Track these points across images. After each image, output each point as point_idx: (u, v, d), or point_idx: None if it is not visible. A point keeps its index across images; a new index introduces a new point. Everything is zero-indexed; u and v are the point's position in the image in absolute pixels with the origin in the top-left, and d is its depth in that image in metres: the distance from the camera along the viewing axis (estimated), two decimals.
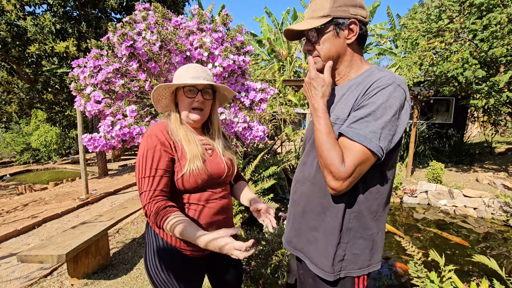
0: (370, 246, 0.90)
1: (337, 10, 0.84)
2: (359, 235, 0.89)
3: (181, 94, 1.11)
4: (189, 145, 1.07)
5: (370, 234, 0.89)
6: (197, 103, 1.10)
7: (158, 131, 1.05)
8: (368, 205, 0.88)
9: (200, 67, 1.13)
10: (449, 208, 4.91)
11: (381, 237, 0.93)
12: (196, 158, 1.06)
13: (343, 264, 0.89)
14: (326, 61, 0.90)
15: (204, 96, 1.11)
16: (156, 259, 1.09)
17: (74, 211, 4.88)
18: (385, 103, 0.78)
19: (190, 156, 1.05)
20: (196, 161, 1.05)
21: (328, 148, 0.80)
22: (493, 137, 9.00)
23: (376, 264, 0.92)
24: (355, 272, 0.89)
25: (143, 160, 1.01)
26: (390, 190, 0.92)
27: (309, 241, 0.96)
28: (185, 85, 1.08)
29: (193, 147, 1.07)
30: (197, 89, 1.10)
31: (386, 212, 0.94)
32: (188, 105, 1.11)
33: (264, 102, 2.01)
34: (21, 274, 2.74)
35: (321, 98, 0.87)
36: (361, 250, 0.89)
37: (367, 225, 0.89)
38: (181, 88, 1.11)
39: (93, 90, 1.79)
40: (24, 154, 12.00)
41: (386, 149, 0.79)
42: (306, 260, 0.97)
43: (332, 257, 0.88)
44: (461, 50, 5.14)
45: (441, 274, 1.76)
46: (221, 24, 2.02)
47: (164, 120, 1.14)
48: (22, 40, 6.23)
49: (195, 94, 1.10)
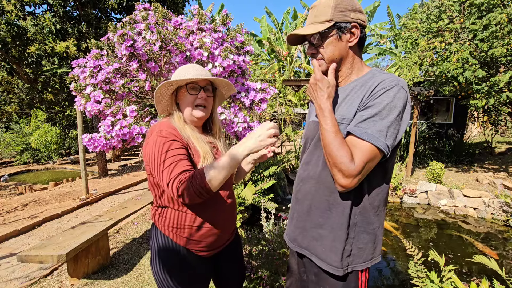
0: (373, 239, 0.94)
1: (339, 15, 0.89)
2: (363, 229, 0.93)
3: (183, 92, 1.11)
4: (199, 142, 1.07)
5: (372, 228, 0.94)
6: (200, 100, 1.11)
7: (167, 127, 1.04)
8: (371, 200, 0.92)
9: (199, 66, 1.14)
10: (449, 208, 4.91)
11: (381, 231, 0.98)
12: (208, 155, 1.06)
13: (351, 259, 0.93)
14: (330, 63, 0.94)
15: (206, 93, 1.12)
16: (163, 261, 1.08)
17: (74, 211, 4.88)
18: (390, 103, 0.83)
19: (203, 153, 1.05)
20: (208, 158, 1.05)
21: (337, 147, 0.84)
22: (493, 137, 9.00)
23: (377, 257, 0.97)
24: (360, 266, 0.93)
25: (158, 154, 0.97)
26: (389, 187, 0.98)
27: (314, 238, 0.98)
28: (189, 80, 1.08)
29: (203, 144, 1.08)
30: (199, 86, 1.10)
31: (386, 207, 0.99)
32: (191, 103, 1.10)
33: (264, 102, 2.01)
34: (21, 274, 2.74)
35: (327, 99, 0.91)
36: (365, 244, 0.93)
37: (370, 220, 0.93)
38: (182, 87, 1.11)
39: (93, 90, 1.79)
40: (24, 154, 11.98)
41: (391, 147, 0.84)
42: (313, 257, 0.99)
43: (341, 252, 0.92)
44: (461, 50, 5.14)
45: (441, 274, 1.76)
46: (221, 24, 2.02)
47: (166, 119, 1.12)
48: (22, 40, 6.23)
49: (198, 91, 1.10)
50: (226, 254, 1.25)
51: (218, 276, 1.29)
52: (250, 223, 4.24)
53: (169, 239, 1.09)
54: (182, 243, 1.08)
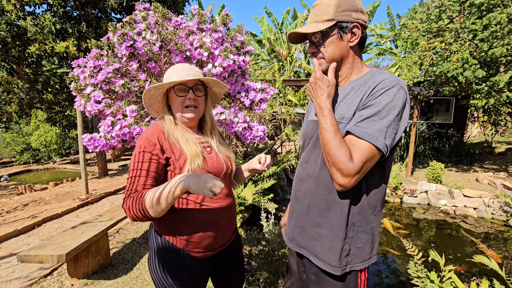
0: (371, 239, 0.95)
1: (341, 15, 0.89)
2: (361, 229, 0.93)
3: (172, 95, 1.10)
4: (187, 144, 1.07)
5: (370, 228, 0.94)
6: (189, 101, 1.09)
7: (152, 133, 1.04)
8: (369, 200, 0.92)
9: (187, 66, 1.12)
10: (449, 208, 4.91)
11: (378, 230, 0.98)
12: (196, 157, 1.05)
13: (349, 259, 0.93)
14: (331, 62, 0.94)
15: (195, 93, 1.10)
16: (161, 262, 1.08)
17: (74, 211, 4.88)
18: (390, 103, 0.83)
19: (190, 156, 1.04)
20: (196, 160, 1.05)
21: (336, 146, 0.84)
22: (493, 137, 9.00)
23: (375, 256, 0.97)
24: (358, 266, 0.94)
25: (132, 161, 1.03)
26: (386, 186, 0.98)
27: (313, 237, 0.98)
28: (175, 83, 1.06)
29: (192, 146, 1.07)
30: (187, 87, 1.09)
31: (383, 207, 0.99)
32: (181, 104, 1.10)
33: (264, 102, 2.01)
34: (21, 274, 2.74)
35: (327, 98, 0.91)
36: (363, 243, 0.94)
37: (368, 220, 0.93)
38: (171, 89, 1.10)
39: (93, 90, 1.79)
40: (24, 154, 11.99)
41: (390, 147, 0.84)
42: (311, 256, 0.99)
43: (340, 252, 0.92)
44: (461, 50, 5.14)
45: (441, 274, 1.76)
46: (221, 24, 2.02)
47: (159, 122, 1.13)
48: (22, 40, 6.22)
49: (186, 92, 1.09)
50: (226, 255, 1.24)
51: (217, 277, 1.28)
52: (250, 223, 4.24)
53: (166, 240, 1.08)
54: (178, 244, 1.08)
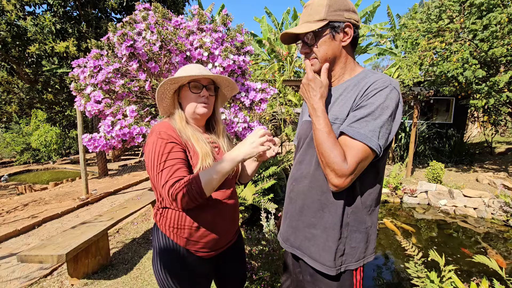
0: (365, 239, 0.95)
1: (332, 14, 0.89)
2: (355, 229, 0.93)
3: (186, 91, 1.11)
4: (199, 143, 1.07)
5: (365, 227, 0.94)
6: (203, 98, 1.11)
7: (167, 128, 1.04)
8: (363, 200, 0.93)
9: (202, 66, 1.15)
10: (449, 208, 4.91)
11: (374, 230, 0.98)
12: (207, 155, 1.06)
13: (343, 258, 0.93)
14: (323, 63, 0.94)
15: (208, 92, 1.13)
16: (165, 262, 1.08)
17: (74, 211, 4.88)
18: (382, 104, 0.83)
19: (202, 154, 1.05)
20: (207, 159, 1.05)
21: (330, 147, 0.84)
22: (493, 137, 9.00)
23: (370, 256, 0.98)
24: (353, 265, 0.94)
25: (156, 155, 0.98)
26: (381, 186, 0.98)
27: (307, 238, 0.98)
28: (192, 78, 1.08)
29: (203, 145, 1.07)
30: (202, 85, 1.11)
31: (378, 207, 1.00)
32: (194, 100, 1.11)
33: (264, 102, 2.01)
34: (21, 274, 2.74)
35: (320, 99, 0.91)
36: (357, 243, 0.94)
37: (362, 219, 0.93)
38: (185, 86, 1.11)
39: (93, 90, 1.79)
40: (24, 154, 11.99)
41: (383, 147, 0.84)
42: (305, 257, 0.98)
43: (334, 252, 0.92)
44: (461, 50, 5.14)
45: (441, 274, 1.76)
46: (221, 24, 2.02)
47: (166, 120, 1.13)
48: (22, 40, 6.22)
49: (200, 89, 1.10)
50: (229, 255, 1.24)
51: (219, 277, 1.28)
52: (250, 223, 4.24)
53: (170, 240, 1.09)
54: (182, 243, 1.08)
